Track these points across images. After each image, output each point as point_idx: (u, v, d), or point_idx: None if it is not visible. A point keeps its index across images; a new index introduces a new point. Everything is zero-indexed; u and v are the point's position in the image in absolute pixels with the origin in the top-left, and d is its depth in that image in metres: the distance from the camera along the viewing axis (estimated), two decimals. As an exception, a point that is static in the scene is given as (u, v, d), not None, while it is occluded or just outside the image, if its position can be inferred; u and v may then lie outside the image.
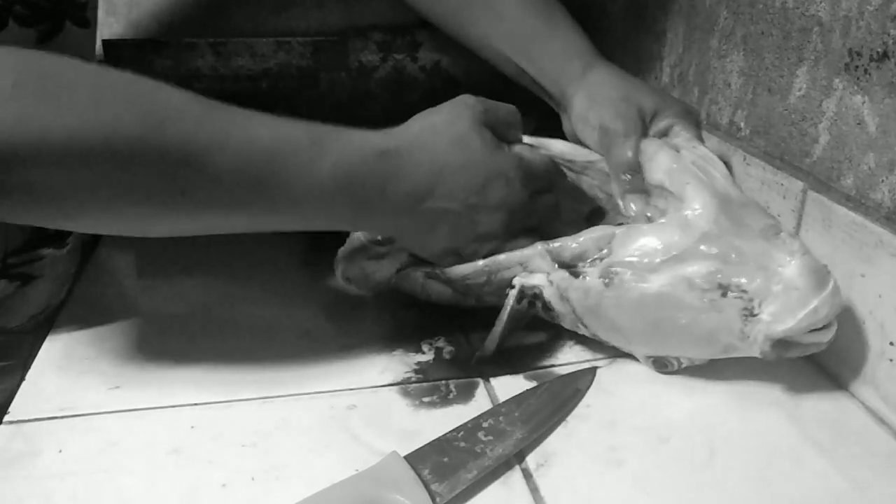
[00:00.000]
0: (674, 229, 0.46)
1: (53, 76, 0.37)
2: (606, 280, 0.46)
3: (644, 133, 0.54)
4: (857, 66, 0.47)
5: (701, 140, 0.55)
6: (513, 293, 0.48)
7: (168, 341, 0.53)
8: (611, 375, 0.50)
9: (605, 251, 0.47)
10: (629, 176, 0.52)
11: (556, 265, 0.48)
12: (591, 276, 0.47)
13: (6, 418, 0.44)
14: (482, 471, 0.40)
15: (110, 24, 0.82)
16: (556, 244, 0.48)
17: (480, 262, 0.50)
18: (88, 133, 0.37)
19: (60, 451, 0.42)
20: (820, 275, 0.44)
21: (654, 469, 0.42)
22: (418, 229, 0.48)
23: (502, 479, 0.41)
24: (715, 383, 0.49)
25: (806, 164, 0.53)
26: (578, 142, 0.58)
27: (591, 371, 0.50)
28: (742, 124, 0.61)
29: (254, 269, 0.63)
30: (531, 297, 0.49)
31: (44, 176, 0.37)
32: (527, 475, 0.41)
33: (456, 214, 0.48)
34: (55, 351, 0.51)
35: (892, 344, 0.45)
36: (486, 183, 0.48)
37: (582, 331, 0.50)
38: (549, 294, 0.48)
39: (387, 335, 0.54)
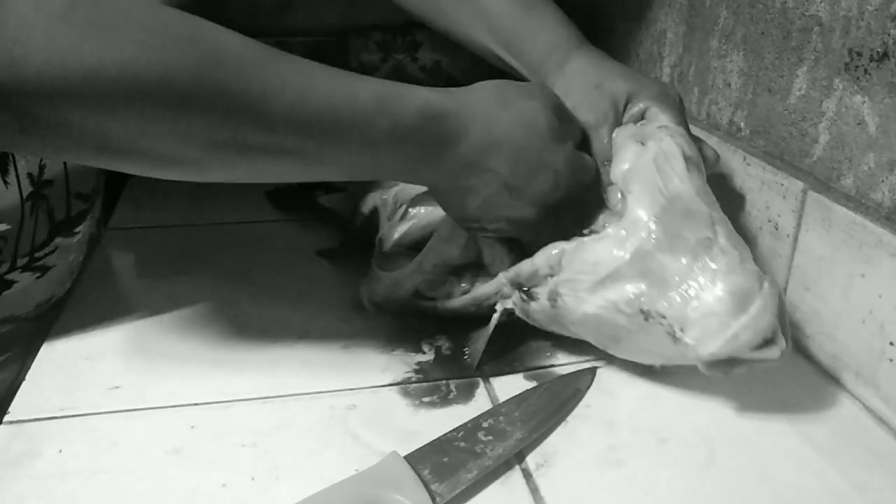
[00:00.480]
0: (610, 244, 0.47)
1: (107, 4, 0.35)
2: (552, 302, 0.48)
3: (618, 120, 0.53)
4: (857, 66, 0.47)
5: (680, 122, 0.54)
6: (496, 316, 0.51)
7: (168, 341, 0.53)
8: (611, 375, 0.50)
9: (554, 269, 0.48)
10: (607, 165, 0.52)
11: (515, 290, 0.50)
12: (542, 296, 0.48)
13: (6, 418, 0.44)
14: (482, 471, 0.40)
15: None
16: (513, 272, 0.49)
17: (467, 298, 0.52)
18: (143, 69, 0.35)
19: (60, 451, 0.42)
20: (743, 297, 0.43)
21: (653, 469, 0.42)
22: (455, 191, 0.48)
23: (502, 479, 0.41)
24: (715, 383, 0.49)
25: (806, 164, 0.53)
26: None
27: (591, 371, 0.50)
28: (742, 124, 0.61)
29: (254, 269, 0.63)
30: (512, 314, 0.51)
31: (92, 112, 0.35)
32: (527, 475, 0.41)
33: (494, 190, 0.47)
34: (55, 351, 0.51)
35: (892, 344, 0.45)
36: (535, 173, 0.47)
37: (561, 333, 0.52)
38: (518, 313, 0.51)
39: (387, 335, 0.54)
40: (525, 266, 0.49)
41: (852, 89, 0.48)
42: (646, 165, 0.49)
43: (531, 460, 0.42)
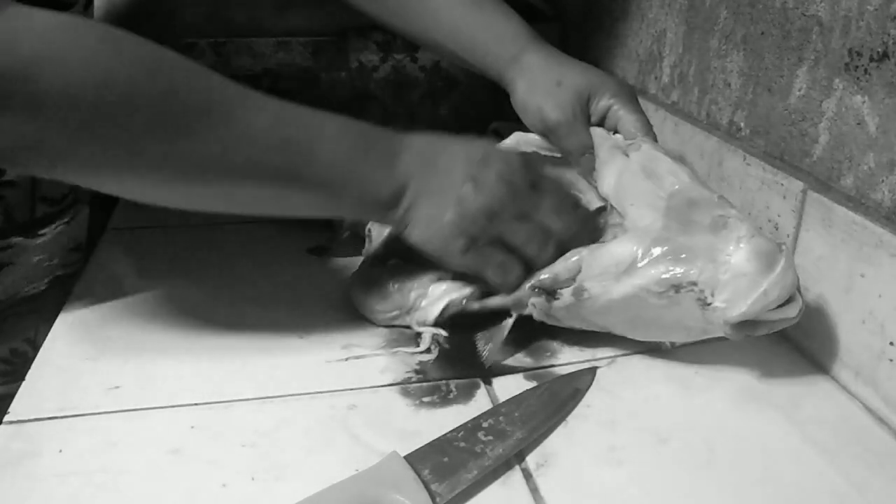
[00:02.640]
0: (628, 241, 0.48)
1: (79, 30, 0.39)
2: (578, 297, 0.49)
3: (585, 114, 0.56)
4: (857, 66, 0.47)
5: (640, 114, 0.56)
6: (509, 321, 0.51)
7: (168, 341, 0.53)
8: (611, 375, 0.50)
9: (572, 272, 0.49)
10: (588, 154, 0.55)
11: (536, 295, 0.50)
12: (566, 294, 0.49)
13: (6, 418, 0.44)
14: (482, 471, 0.40)
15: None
16: (534, 280, 0.50)
17: (476, 305, 0.52)
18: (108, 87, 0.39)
19: (60, 451, 0.42)
20: (768, 257, 0.45)
21: (653, 469, 0.42)
22: (427, 211, 0.48)
23: (502, 479, 0.41)
24: (715, 383, 0.49)
25: (806, 164, 0.53)
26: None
27: (591, 371, 0.50)
28: (742, 124, 0.61)
29: (254, 268, 0.63)
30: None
31: (53, 123, 0.38)
32: (527, 475, 0.41)
33: (459, 186, 0.48)
34: (55, 351, 0.51)
35: (892, 344, 0.45)
36: (485, 158, 0.49)
37: (576, 328, 0.52)
38: (537, 315, 0.51)
39: (387, 335, 0.54)
40: (545, 276, 0.50)
41: (852, 89, 0.48)
42: (634, 178, 0.52)
43: (531, 460, 0.42)
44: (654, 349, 0.52)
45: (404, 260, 0.54)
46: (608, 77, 0.58)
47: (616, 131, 0.57)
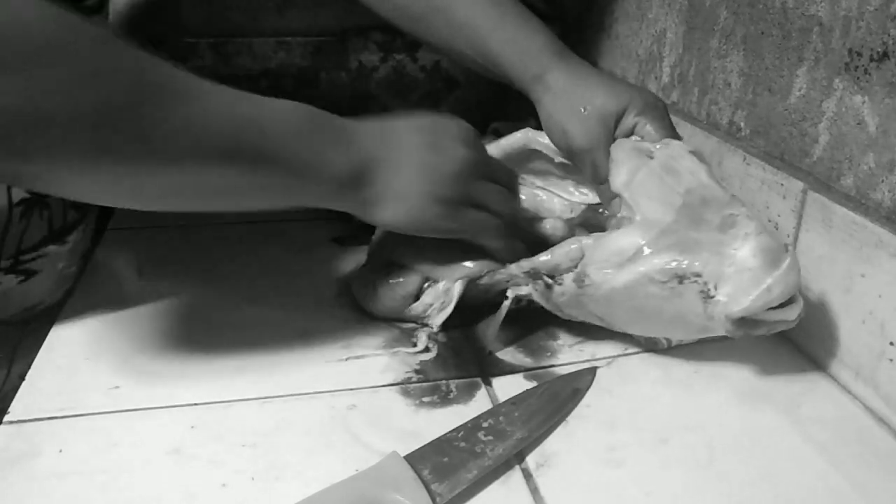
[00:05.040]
0: (635, 231, 0.48)
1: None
2: (579, 283, 0.49)
3: (610, 139, 0.54)
4: (857, 66, 0.47)
5: (668, 129, 0.54)
6: (507, 303, 0.51)
7: (168, 342, 0.53)
8: (611, 375, 0.50)
9: (576, 262, 0.49)
10: (606, 185, 0.53)
11: (535, 280, 0.51)
12: (566, 280, 0.49)
13: (6, 418, 0.44)
14: (482, 471, 0.40)
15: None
16: (528, 265, 0.51)
17: (478, 288, 0.53)
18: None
19: (60, 451, 0.42)
20: (774, 254, 0.45)
21: (653, 469, 0.42)
22: (395, 186, 0.48)
23: (502, 479, 0.41)
24: (715, 383, 0.49)
25: (806, 164, 0.53)
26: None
27: (591, 371, 0.50)
28: (742, 124, 0.61)
29: (254, 268, 0.63)
30: (526, 300, 0.52)
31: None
32: (527, 475, 0.41)
33: (420, 155, 0.49)
34: (55, 351, 0.51)
35: (892, 344, 0.45)
36: (434, 124, 0.51)
37: (575, 319, 0.53)
38: (538, 298, 0.51)
39: (387, 335, 0.54)
40: (543, 260, 0.50)
41: (852, 89, 0.48)
42: (652, 174, 0.51)
43: (531, 460, 0.42)
44: (653, 349, 0.52)
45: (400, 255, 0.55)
46: (636, 93, 0.55)
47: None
